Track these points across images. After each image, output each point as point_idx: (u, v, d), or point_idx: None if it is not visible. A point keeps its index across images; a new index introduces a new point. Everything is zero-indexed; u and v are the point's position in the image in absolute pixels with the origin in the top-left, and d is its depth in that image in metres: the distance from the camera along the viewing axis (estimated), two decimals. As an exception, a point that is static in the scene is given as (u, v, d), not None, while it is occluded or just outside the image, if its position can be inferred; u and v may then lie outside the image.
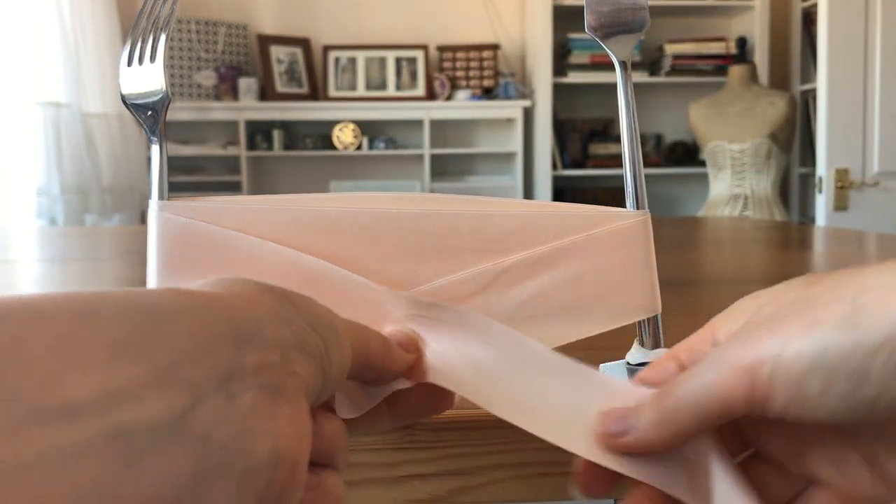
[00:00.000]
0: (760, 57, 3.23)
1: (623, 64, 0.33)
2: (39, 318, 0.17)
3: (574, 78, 3.19)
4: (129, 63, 0.32)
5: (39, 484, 0.15)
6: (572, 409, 0.25)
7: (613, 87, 0.33)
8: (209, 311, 0.21)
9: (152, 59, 0.32)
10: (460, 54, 3.31)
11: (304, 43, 3.32)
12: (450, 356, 0.27)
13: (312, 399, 0.24)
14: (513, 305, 0.31)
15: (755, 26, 3.26)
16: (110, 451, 0.16)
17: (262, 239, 0.30)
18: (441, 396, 0.30)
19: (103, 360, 0.17)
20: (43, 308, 0.17)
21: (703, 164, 3.07)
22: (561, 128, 3.34)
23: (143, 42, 0.32)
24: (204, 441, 0.19)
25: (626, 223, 0.31)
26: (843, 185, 2.53)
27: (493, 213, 0.31)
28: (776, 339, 0.23)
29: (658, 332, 0.33)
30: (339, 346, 0.25)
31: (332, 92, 3.29)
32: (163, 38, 0.32)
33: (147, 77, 0.31)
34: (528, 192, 3.33)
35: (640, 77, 3.24)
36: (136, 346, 0.18)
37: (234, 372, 0.20)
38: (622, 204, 0.32)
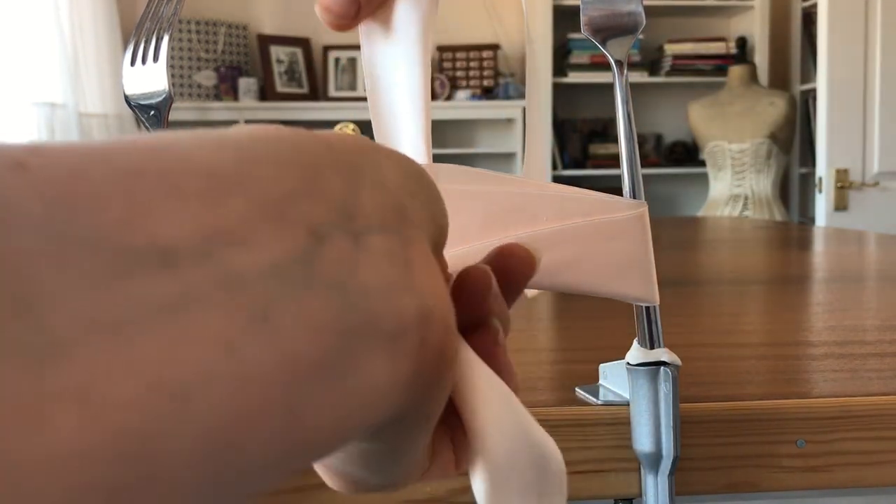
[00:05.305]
0: (760, 57, 3.23)
1: (619, 64, 0.33)
2: (103, 150, 0.13)
3: (574, 78, 3.19)
4: (132, 63, 0.32)
5: (145, 344, 0.11)
6: None
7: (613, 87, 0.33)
8: (302, 137, 0.16)
9: (155, 59, 0.32)
10: (460, 54, 3.32)
11: (304, 43, 3.32)
12: None
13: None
14: None
15: (755, 26, 3.27)
16: (228, 301, 0.12)
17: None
18: None
19: (196, 192, 0.13)
20: (105, 144, 0.13)
21: (702, 164, 3.08)
22: (561, 128, 3.35)
23: (147, 42, 0.32)
24: (341, 289, 0.14)
25: (625, 214, 0.32)
26: (843, 186, 2.54)
27: (494, 191, 0.31)
28: None
29: (658, 331, 0.33)
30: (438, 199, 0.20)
31: (332, 92, 3.29)
32: (166, 38, 0.32)
33: (150, 77, 0.32)
34: (528, 192, 3.34)
35: (640, 77, 3.25)
36: (235, 177, 0.14)
37: (351, 207, 0.16)
38: (622, 204, 0.33)
